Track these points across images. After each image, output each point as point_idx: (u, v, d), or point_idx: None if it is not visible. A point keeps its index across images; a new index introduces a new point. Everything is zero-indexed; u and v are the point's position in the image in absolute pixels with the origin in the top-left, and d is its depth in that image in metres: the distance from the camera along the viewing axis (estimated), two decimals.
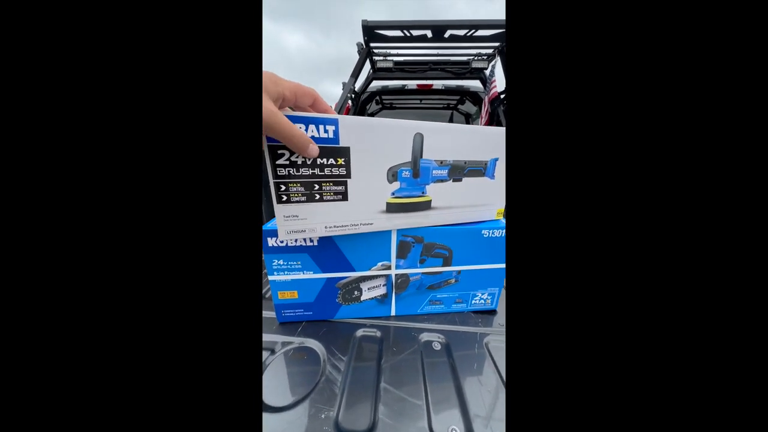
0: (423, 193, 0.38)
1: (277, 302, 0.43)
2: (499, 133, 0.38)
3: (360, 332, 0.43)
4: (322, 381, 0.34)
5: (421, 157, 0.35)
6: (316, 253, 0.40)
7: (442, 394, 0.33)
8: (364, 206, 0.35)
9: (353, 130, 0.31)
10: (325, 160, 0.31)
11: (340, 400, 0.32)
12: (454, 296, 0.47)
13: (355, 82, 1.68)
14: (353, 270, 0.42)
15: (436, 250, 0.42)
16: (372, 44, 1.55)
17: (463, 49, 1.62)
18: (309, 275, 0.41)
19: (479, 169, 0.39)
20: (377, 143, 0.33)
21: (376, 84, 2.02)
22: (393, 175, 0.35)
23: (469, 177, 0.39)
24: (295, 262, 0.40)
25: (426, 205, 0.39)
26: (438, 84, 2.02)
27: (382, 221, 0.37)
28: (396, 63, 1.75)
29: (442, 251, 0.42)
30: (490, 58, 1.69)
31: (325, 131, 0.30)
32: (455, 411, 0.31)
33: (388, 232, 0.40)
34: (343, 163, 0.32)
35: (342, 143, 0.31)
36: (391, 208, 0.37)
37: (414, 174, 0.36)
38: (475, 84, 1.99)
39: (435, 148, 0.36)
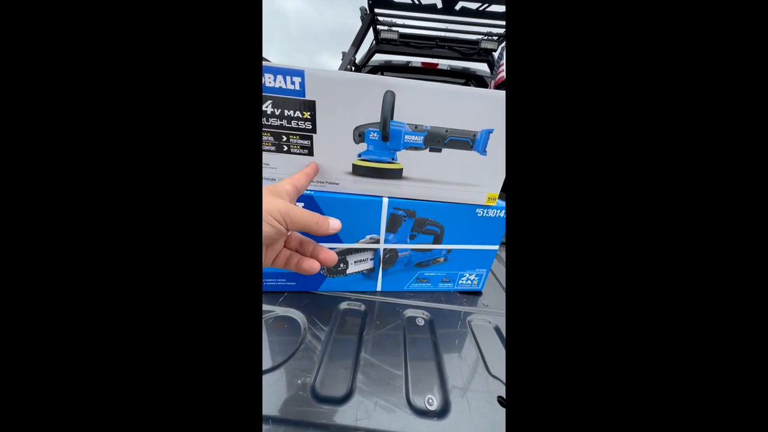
0: (393, 159, 0.35)
1: None
2: (496, 97, 0.31)
3: (344, 305, 0.42)
4: (301, 349, 0.34)
5: (392, 118, 0.32)
6: None
7: (422, 367, 0.33)
8: (330, 164, 0.35)
9: (320, 83, 0.30)
10: (291, 112, 0.31)
11: (318, 367, 0.31)
12: (441, 275, 0.46)
13: (356, 52, 1.57)
14: (340, 241, 0.40)
15: (428, 226, 0.41)
16: (377, 10, 1.43)
17: (473, 26, 1.52)
18: None
19: (465, 141, 0.34)
20: (345, 99, 0.31)
21: (378, 58, 1.90)
22: (360, 135, 0.33)
23: (451, 148, 0.34)
24: None
25: (396, 174, 0.36)
26: (443, 64, 1.92)
27: (348, 183, 0.36)
28: (401, 35, 1.64)
29: (433, 228, 0.41)
30: (500, 39, 1.61)
31: (292, 83, 0.30)
32: (434, 381, 0.31)
33: (379, 204, 0.38)
34: (308, 116, 0.31)
35: (308, 96, 0.30)
36: (358, 171, 0.35)
37: (383, 137, 0.33)
38: (482, 68, 1.91)
39: (411, 109, 0.32)
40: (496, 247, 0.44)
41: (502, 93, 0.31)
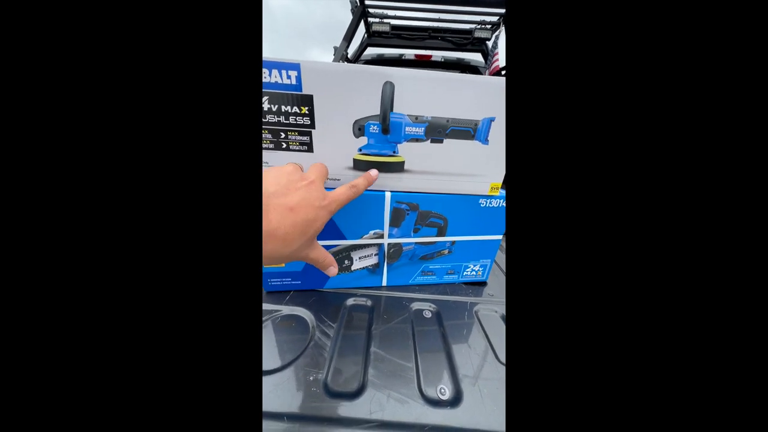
0: (394, 152, 0.34)
1: (264, 270, 0.41)
2: (496, 84, 0.30)
3: (350, 301, 0.42)
4: (310, 346, 0.34)
5: (392, 110, 0.31)
6: None
7: (432, 358, 0.33)
8: (330, 160, 0.34)
9: (317, 77, 0.29)
10: (288, 107, 0.30)
11: (329, 363, 0.31)
12: (446, 267, 0.46)
13: (347, 46, 1.54)
14: (344, 238, 0.40)
15: (431, 219, 0.40)
16: (367, 2, 1.40)
17: (466, 14, 1.49)
18: None
19: (467, 130, 0.33)
20: (343, 92, 0.30)
21: (371, 51, 1.87)
22: (359, 129, 0.32)
23: (452, 138, 0.33)
24: None
25: (398, 167, 0.35)
26: (437, 56, 1.90)
27: (349, 179, 0.35)
28: (393, 27, 1.61)
29: (437, 220, 0.41)
30: (494, 27, 1.58)
31: (288, 77, 0.28)
32: (444, 372, 0.32)
33: (382, 198, 0.37)
34: (306, 112, 0.30)
35: (305, 90, 0.29)
36: (359, 166, 0.35)
37: (383, 129, 0.32)
38: (476, 58, 1.89)
39: (410, 100, 0.31)
40: (500, 237, 0.44)
41: (503, 80, 0.31)
